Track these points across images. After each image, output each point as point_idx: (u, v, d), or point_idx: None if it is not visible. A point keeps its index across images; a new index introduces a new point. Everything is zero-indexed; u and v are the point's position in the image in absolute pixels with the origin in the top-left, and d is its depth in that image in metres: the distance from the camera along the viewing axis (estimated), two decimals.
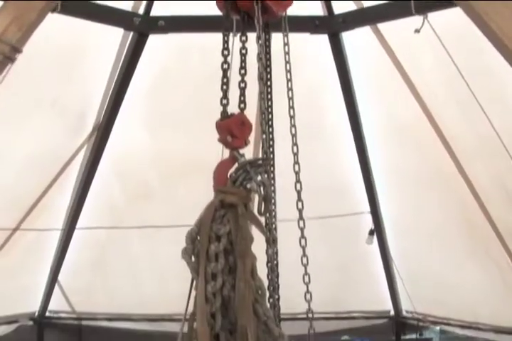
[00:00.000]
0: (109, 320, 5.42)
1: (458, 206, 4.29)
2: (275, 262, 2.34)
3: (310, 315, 2.45)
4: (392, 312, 5.46)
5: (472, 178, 4.01)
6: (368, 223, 4.62)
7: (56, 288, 5.25)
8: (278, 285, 2.39)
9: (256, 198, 2.06)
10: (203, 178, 2.10)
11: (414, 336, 5.71)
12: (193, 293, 2.04)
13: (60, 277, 5.11)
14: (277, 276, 2.37)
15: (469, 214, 4.23)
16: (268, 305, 2.12)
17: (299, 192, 2.32)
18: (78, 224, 4.47)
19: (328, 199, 4.43)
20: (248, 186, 2.01)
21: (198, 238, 2.00)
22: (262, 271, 2.20)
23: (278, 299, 2.41)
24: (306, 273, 2.36)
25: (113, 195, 4.46)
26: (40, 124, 3.80)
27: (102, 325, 5.46)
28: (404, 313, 5.45)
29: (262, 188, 1.99)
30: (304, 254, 2.36)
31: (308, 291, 2.39)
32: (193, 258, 2.00)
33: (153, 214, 4.41)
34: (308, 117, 3.80)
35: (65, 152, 4.06)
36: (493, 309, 4.66)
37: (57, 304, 5.45)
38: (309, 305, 2.45)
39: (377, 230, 4.61)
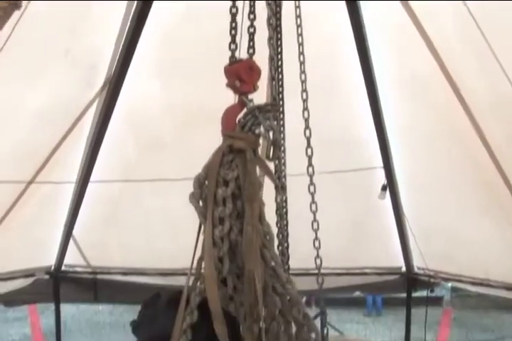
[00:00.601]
0: (124, 274, 5.49)
1: (472, 163, 4.24)
2: (284, 210, 2.35)
3: (319, 271, 2.44)
4: (403, 269, 5.48)
5: (487, 136, 3.95)
6: (381, 178, 4.59)
7: (71, 242, 5.32)
8: (287, 234, 2.40)
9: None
10: (216, 130, 2.08)
11: (425, 292, 5.76)
12: (201, 238, 2.06)
13: (75, 232, 5.17)
14: (286, 224, 2.37)
15: (484, 172, 4.18)
16: (276, 251, 2.12)
17: (308, 139, 2.30)
18: (92, 178, 4.49)
19: (340, 154, 4.40)
20: (257, 131, 2.00)
21: (206, 183, 2.00)
22: (272, 219, 2.21)
23: (287, 247, 2.42)
24: (314, 219, 2.36)
25: (126, 148, 4.45)
26: (53, 78, 3.77)
27: (117, 279, 5.54)
28: (415, 270, 5.46)
29: (270, 133, 1.97)
30: (313, 201, 2.35)
31: (316, 238, 2.39)
32: (200, 203, 2.01)
33: (167, 167, 4.41)
34: (321, 71, 3.77)
35: (78, 105, 4.04)
36: (506, 266, 4.65)
37: (72, 258, 5.52)
38: (317, 259, 2.45)
39: (390, 186, 4.58)
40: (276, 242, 2.20)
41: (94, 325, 11.22)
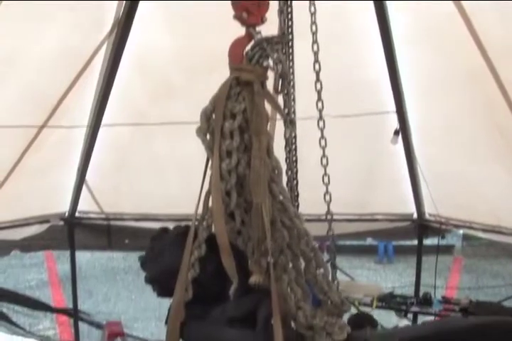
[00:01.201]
0: (137, 220, 5.56)
1: (488, 108, 4.17)
2: (293, 146, 2.33)
3: (329, 217, 2.43)
4: (415, 215, 5.48)
5: (504, 80, 3.87)
6: (394, 123, 4.54)
7: (84, 189, 5.36)
8: (297, 170, 2.38)
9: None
10: (226, 73, 2.04)
11: (435, 240, 5.78)
12: (209, 172, 2.06)
13: (88, 178, 5.20)
14: (296, 161, 2.36)
15: (499, 117, 4.12)
16: (284, 185, 2.12)
17: (317, 73, 2.26)
18: (103, 122, 4.48)
19: (352, 98, 4.34)
20: (264, 64, 1.97)
21: (213, 116, 1.98)
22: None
23: (296, 184, 2.41)
24: (325, 173, 2.34)
25: (136, 92, 4.42)
26: (62, 20, 3.73)
27: (130, 225, 5.61)
28: (427, 216, 5.47)
29: (278, 66, 1.94)
30: (324, 155, 2.32)
31: (327, 192, 2.37)
32: (207, 137, 1.99)
33: (177, 110, 4.38)
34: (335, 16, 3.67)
35: (87, 48, 4.00)
36: None
37: (86, 205, 5.59)
38: (327, 215, 2.42)
39: (403, 130, 4.53)
40: (285, 179, 2.20)
41: (108, 271, 11.45)
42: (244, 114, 1.93)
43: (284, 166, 2.14)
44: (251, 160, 1.93)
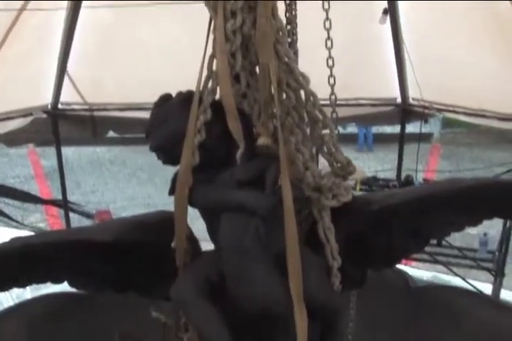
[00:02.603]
0: (121, 110, 5.50)
1: None
2: (294, 12, 2.27)
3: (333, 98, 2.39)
4: (398, 100, 5.52)
5: None
6: (383, 3, 4.44)
7: (66, 79, 5.25)
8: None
9: None
10: None
11: (416, 128, 5.87)
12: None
13: (69, 67, 5.08)
14: (296, 26, 2.29)
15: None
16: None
17: None
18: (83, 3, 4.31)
19: None
20: None
21: None
22: None
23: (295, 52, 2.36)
24: (330, 56, 2.29)
25: None
26: None
27: (115, 115, 5.56)
28: (410, 101, 5.51)
29: None
30: (329, 37, 2.27)
31: (331, 75, 2.32)
32: None
33: None
34: None
35: None
36: (500, 97, 4.68)
37: (68, 96, 5.49)
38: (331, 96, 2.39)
39: (391, 11, 4.45)
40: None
41: (94, 162, 11.52)
42: None
43: None
44: (257, 19, 1.90)
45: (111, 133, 5.73)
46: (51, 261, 2.38)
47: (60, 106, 5.59)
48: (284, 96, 2.02)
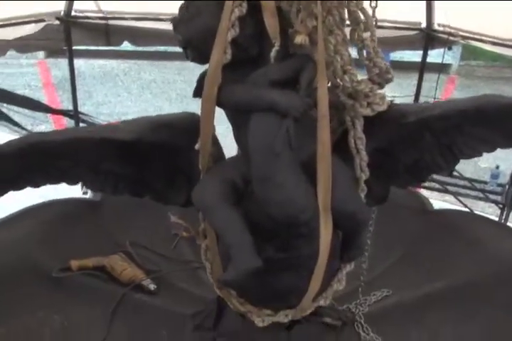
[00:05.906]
0: (138, 19, 5.31)
1: None
2: None
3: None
4: (423, 25, 5.32)
5: None
6: None
7: None
8: None
9: None
10: None
11: (436, 59, 5.71)
12: None
13: None
14: None
15: None
16: None
17: None
18: None
19: None
20: None
21: None
22: None
23: None
24: None
25: None
26: None
27: (130, 25, 5.37)
28: (436, 26, 5.32)
29: None
30: None
31: None
32: None
33: None
34: None
35: None
36: None
37: (83, 3, 5.30)
38: None
39: None
40: None
41: (107, 72, 11.16)
42: None
43: None
44: None
45: (125, 44, 5.54)
46: (69, 158, 2.32)
47: (73, 13, 5.39)
48: None
